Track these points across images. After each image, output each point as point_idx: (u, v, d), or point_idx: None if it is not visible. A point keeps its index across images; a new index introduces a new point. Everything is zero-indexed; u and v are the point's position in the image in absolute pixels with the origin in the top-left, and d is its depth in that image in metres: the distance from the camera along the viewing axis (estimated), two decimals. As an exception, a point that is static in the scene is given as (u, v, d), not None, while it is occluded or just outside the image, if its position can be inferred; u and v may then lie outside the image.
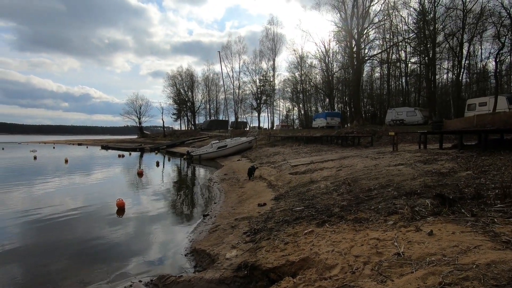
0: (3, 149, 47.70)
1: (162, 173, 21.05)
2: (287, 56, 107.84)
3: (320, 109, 54.70)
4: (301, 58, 51.75)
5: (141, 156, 37.53)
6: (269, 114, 62.00)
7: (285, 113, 65.88)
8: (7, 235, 7.70)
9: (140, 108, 78.67)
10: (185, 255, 6.07)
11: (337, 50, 48.14)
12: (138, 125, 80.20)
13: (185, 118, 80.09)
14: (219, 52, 35.31)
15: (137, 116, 78.59)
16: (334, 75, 48.88)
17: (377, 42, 40.19)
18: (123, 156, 35.17)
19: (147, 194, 12.88)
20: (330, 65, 48.64)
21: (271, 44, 55.53)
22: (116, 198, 10.26)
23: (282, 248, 4.75)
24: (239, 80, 62.12)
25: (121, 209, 9.63)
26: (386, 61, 41.14)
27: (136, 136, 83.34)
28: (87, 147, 56.41)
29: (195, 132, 64.72)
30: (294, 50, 52.47)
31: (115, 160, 31.17)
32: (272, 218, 6.90)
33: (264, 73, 59.09)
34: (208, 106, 78.39)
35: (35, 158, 30.93)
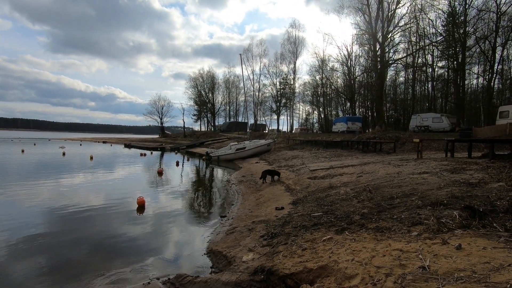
0: (34, 144, 50.41)
1: (181, 172, 21.42)
2: (308, 59, 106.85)
3: (340, 113, 53.82)
4: (322, 61, 51.25)
5: (161, 155, 38.42)
6: (288, 117, 61.78)
7: (304, 116, 65.41)
8: (35, 225, 8.13)
9: (162, 108, 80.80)
10: (202, 256, 6.11)
11: (360, 54, 47.27)
12: (159, 125, 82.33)
13: (205, 119, 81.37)
14: (240, 54, 35.66)
15: (159, 116, 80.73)
16: (356, 79, 47.94)
17: (402, 45, 39.08)
18: (144, 155, 36.16)
19: (166, 193, 13.14)
20: (352, 69, 47.81)
21: (292, 47, 55.40)
22: (137, 196, 10.53)
23: (299, 254, 4.67)
24: (259, 82, 62.41)
25: (141, 207, 9.87)
26: (411, 65, 39.85)
27: (158, 136, 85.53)
28: (111, 145, 58.48)
29: (215, 133, 65.55)
30: (316, 53, 51.99)
31: (137, 158, 32.09)
32: (289, 222, 6.81)
33: (285, 76, 59.02)
34: (228, 108, 79.31)
35: (63, 154, 32.44)
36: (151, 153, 40.05)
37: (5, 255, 6.13)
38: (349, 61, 47.13)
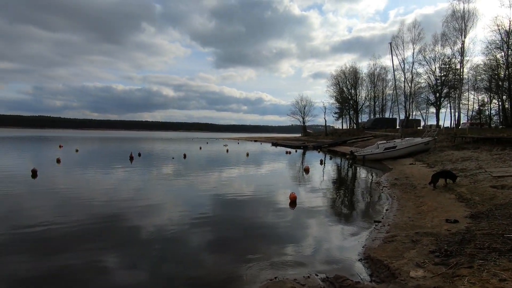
0: (207, 143, 63.42)
1: (326, 171, 21.48)
2: (483, 34, 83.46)
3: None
4: (508, 34, 38.82)
5: (303, 153, 39.90)
6: (452, 110, 50.63)
7: (476, 107, 51.79)
8: (205, 206, 10.35)
9: (304, 108, 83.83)
10: (358, 260, 5.84)
11: None
12: (301, 124, 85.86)
13: (347, 116, 78.39)
14: (390, 43, 31.94)
15: (301, 116, 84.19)
16: None
17: None
18: (290, 152, 38.59)
19: (314, 190, 13.47)
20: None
21: (459, 23, 44.86)
22: (289, 191, 11.32)
23: (495, 285, 3.67)
24: (411, 72, 54.24)
25: (293, 202, 10.52)
26: None
27: (300, 135, 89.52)
28: (261, 143, 65.84)
29: (358, 131, 62.11)
30: (498, 25, 39.82)
31: (283, 156, 34.64)
32: (471, 241, 5.52)
33: (447, 59, 48.62)
34: (372, 103, 73.30)
35: (227, 151, 39.17)
36: (296, 151, 42.28)
37: (187, 227, 8.01)
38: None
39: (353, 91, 72.22)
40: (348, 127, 76.96)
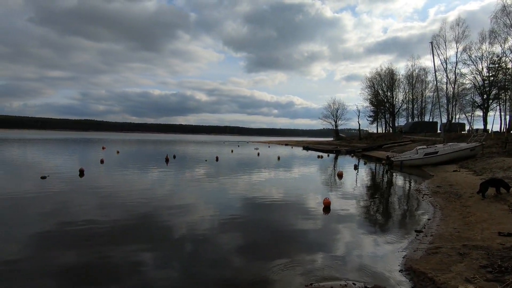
0: (238, 146, 64.24)
1: (360, 176, 20.73)
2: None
3: None
4: None
5: (336, 158, 38.88)
6: (502, 113, 46.54)
7: (531, 110, 47.00)
8: (234, 208, 10.47)
9: (337, 111, 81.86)
10: (399, 271, 5.53)
11: None
12: (334, 128, 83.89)
13: (383, 120, 75.19)
14: (431, 43, 30.09)
15: (334, 120, 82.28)
16: None
17: None
18: (321, 157, 37.82)
19: (348, 196, 13.04)
20: None
21: (510, 18, 41.24)
22: (322, 196, 11.08)
23: None
24: (454, 72, 50.78)
25: (327, 207, 10.27)
26: None
27: (332, 139, 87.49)
28: (291, 147, 65.29)
29: (394, 135, 59.34)
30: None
31: (315, 160, 34.02)
32: (530, 257, 4.99)
33: (496, 58, 44.83)
34: (410, 106, 69.68)
35: (258, 154, 39.35)
36: (328, 155, 41.35)
37: (218, 228, 8.15)
38: None
39: (389, 93, 69.28)
40: (383, 131, 73.80)
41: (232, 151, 45.56)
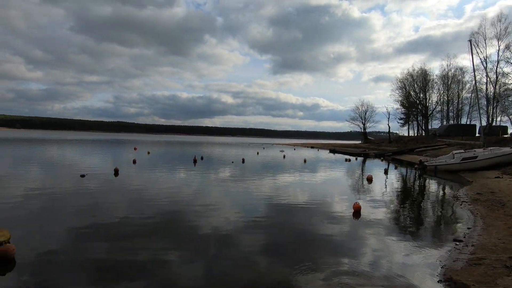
0: (263, 148, 64.36)
1: (391, 181, 19.92)
2: None
3: None
4: None
5: (364, 161, 37.69)
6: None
7: None
8: (258, 210, 10.42)
9: (365, 113, 79.39)
10: (437, 282, 5.23)
11: None
12: (362, 130, 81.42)
13: (414, 123, 71.82)
14: (469, 41, 28.19)
15: (362, 122, 79.86)
16: None
17: None
18: (349, 160, 36.83)
19: (379, 201, 12.57)
20: None
21: (561, 12, 37.76)
22: (350, 201, 10.77)
23: None
24: (496, 72, 47.38)
25: (357, 212, 9.96)
26: None
27: (360, 142, 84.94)
28: (317, 150, 64.24)
29: (427, 138, 56.42)
30: None
31: (343, 163, 33.20)
32: None
33: (545, 56, 41.22)
34: (445, 108, 65.95)
35: (284, 157, 39.15)
36: (356, 159, 40.20)
37: (242, 229, 8.16)
38: None
39: (422, 94, 66.05)
40: (415, 134, 70.47)
41: (257, 153, 45.72)
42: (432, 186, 19.11)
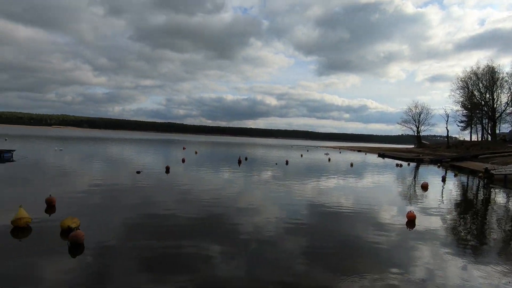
0: (307, 150, 63.33)
1: (449, 190, 18.15)
2: None
3: None
4: None
5: (417, 167, 34.93)
6: None
7: None
8: (299, 214, 10.18)
9: (419, 116, 73.78)
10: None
11: None
12: (415, 134, 75.75)
13: (478, 126, 64.63)
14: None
15: (415, 125, 74.34)
16: None
17: None
18: (401, 165, 34.46)
19: (435, 211, 11.52)
20: None
21: None
22: (402, 209, 10.05)
23: None
24: None
25: (411, 222, 9.26)
26: None
27: (413, 146, 79.11)
28: (365, 154, 61.24)
29: (495, 144, 50.41)
30: None
31: (393, 169, 31.18)
32: None
33: None
34: (517, 110, 58.11)
35: (329, 160, 38.07)
36: (408, 164, 37.45)
37: (282, 231, 8.06)
38: None
39: (488, 95, 59.21)
40: (479, 139, 63.36)
41: (301, 155, 45.14)
42: (500, 197, 16.99)
